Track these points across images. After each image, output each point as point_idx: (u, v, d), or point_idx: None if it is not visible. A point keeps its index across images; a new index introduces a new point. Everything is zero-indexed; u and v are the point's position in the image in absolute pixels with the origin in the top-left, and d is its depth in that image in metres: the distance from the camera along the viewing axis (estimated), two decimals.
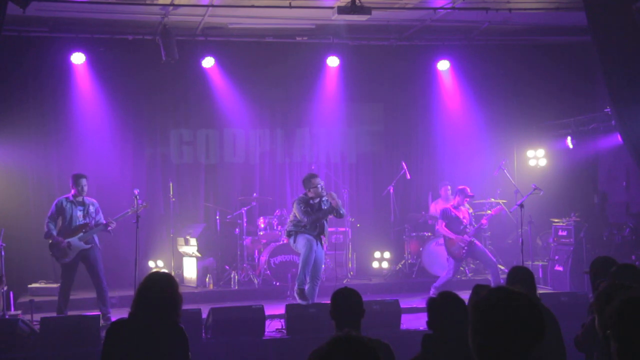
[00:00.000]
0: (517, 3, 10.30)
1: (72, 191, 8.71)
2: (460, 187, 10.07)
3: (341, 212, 8.65)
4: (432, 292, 9.56)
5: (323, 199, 8.66)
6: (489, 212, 10.40)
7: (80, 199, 8.75)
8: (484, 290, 4.31)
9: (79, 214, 8.72)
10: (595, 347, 4.12)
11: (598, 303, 3.33)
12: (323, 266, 8.97)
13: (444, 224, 9.91)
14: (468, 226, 9.85)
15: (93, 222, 8.76)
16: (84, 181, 8.69)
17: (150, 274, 4.22)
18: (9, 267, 9.43)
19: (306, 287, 8.53)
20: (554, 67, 12.43)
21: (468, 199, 10.07)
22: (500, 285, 2.92)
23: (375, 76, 12.39)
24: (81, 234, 8.64)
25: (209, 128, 12.14)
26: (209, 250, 11.12)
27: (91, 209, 8.79)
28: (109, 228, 8.79)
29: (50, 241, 8.67)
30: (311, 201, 8.60)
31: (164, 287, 4.04)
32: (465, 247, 9.73)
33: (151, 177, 11.74)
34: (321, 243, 8.68)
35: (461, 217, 9.89)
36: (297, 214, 8.57)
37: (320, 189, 8.57)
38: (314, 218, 8.47)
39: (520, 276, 4.70)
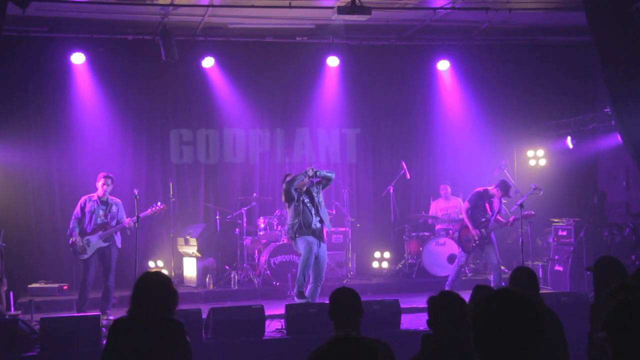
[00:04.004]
0: (517, 3, 10.30)
1: (102, 190, 8.93)
2: (504, 179, 9.89)
3: (325, 172, 8.89)
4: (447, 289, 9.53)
5: (313, 189, 8.80)
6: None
7: (104, 198, 9.00)
8: (484, 290, 4.33)
9: (101, 212, 8.99)
10: None
11: (608, 304, 3.32)
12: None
13: (468, 206, 9.82)
14: (490, 220, 9.76)
15: (114, 221, 9.00)
16: (109, 181, 9.03)
17: (144, 274, 4.30)
18: (9, 267, 9.43)
19: (308, 287, 8.57)
20: (554, 67, 12.44)
21: (505, 198, 9.94)
22: (502, 287, 2.92)
23: (375, 76, 12.39)
24: (101, 232, 8.89)
25: (209, 128, 12.13)
26: (209, 250, 11.11)
27: (114, 208, 9.07)
28: (127, 227, 8.99)
29: (71, 239, 8.91)
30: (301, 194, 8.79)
31: (159, 284, 4.11)
32: (477, 242, 9.68)
33: (151, 177, 11.73)
34: (323, 241, 8.70)
35: (489, 209, 9.81)
36: (285, 194, 8.75)
37: (300, 180, 8.75)
38: (291, 179, 8.65)
39: (523, 277, 4.68)
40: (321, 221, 8.72)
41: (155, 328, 4.02)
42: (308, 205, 8.66)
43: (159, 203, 9.28)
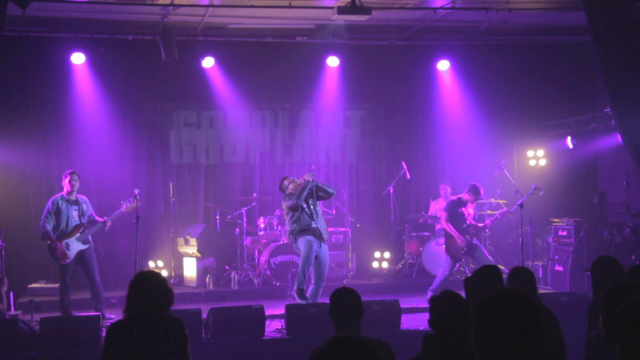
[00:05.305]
0: (517, 3, 10.30)
1: (68, 187, 8.75)
2: (475, 184, 9.81)
3: (327, 188, 8.87)
4: (429, 295, 9.50)
5: (310, 199, 8.74)
6: (492, 212, 10.36)
7: (73, 197, 8.80)
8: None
9: (75, 213, 8.77)
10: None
11: (605, 302, 3.31)
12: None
13: (446, 216, 9.78)
14: (471, 226, 9.76)
15: (85, 218, 8.84)
16: (76, 177, 8.84)
17: (139, 273, 4.27)
18: (9, 267, 9.43)
19: (309, 288, 8.56)
20: (554, 67, 12.43)
21: (478, 200, 9.92)
22: (502, 287, 2.91)
23: (375, 76, 12.40)
24: (78, 234, 8.70)
25: (209, 128, 12.14)
26: (209, 250, 11.11)
27: (84, 207, 8.87)
28: (106, 227, 8.86)
29: (49, 242, 8.69)
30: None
31: (154, 283, 4.10)
32: (465, 248, 9.67)
33: (151, 177, 11.73)
34: (323, 242, 8.68)
35: (466, 214, 9.79)
36: (286, 208, 8.71)
37: (294, 185, 8.74)
38: (298, 194, 8.57)
39: (521, 277, 4.68)
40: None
41: (155, 327, 4.02)
42: (306, 210, 8.66)
43: (130, 201, 8.95)
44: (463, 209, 9.79)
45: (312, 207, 8.69)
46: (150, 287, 4.07)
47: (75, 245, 8.68)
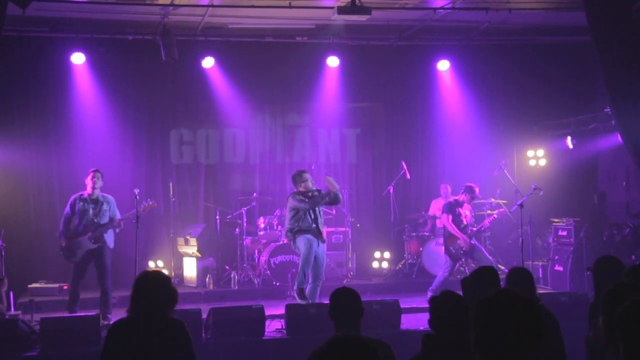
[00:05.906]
0: (517, 3, 10.30)
1: (90, 186, 8.70)
2: (469, 184, 9.82)
3: (340, 196, 8.81)
4: (429, 295, 9.48)
5: (315, 193, 8.68)
6: (490, 212, 10.35)
7: (95, 196, 8.74)
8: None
9: (91, 212, 8.69)
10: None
11: (605, 302, 3.31)
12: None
13: (450, 217, 9.73)
14: (469, 226, 9.76)
15: (107, 219, 8.74)
16: (98, 175, 8.78)
17: (143, 272, 4.26)
18: (9, 267, 9.42)
19: (307, 287, 8.54)
20: (554, 67, 12.43)
21: (474, 200, 9.94)
22: (502, 288, 2.92)
23: (375, 76, 12.39)
24: (90, 233, 8.65)
25: (209, 128, 12.15)
26: (209, 250, 11.11)
27: (104, 206, 8.77)
28: (117, 229, 8.84)
29: (61, 241, 8.75)
30: (303, 196, 8.68)
31: (158, 282, 4.10)
32: (464, 248, 9.66)
33: (151, 177, 11.73)
34: (322, 241, 8.66)
35: (462, 215, 9.81)
36: (292, 207, 8.59)
37: (310, 184, 8.67)
38: (310, 204, 8.51)
39: (519, 277, 4.68)
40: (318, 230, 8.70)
41: (157, 327, 4.01)
42: (310, 213, 8.63)
43: (149, 201, 9.07)
44: (460, 209, 9.80)
45: (317, 209, 8.69)
46: (154, 286, 4.07)
47: (84, 245, 8.63)
